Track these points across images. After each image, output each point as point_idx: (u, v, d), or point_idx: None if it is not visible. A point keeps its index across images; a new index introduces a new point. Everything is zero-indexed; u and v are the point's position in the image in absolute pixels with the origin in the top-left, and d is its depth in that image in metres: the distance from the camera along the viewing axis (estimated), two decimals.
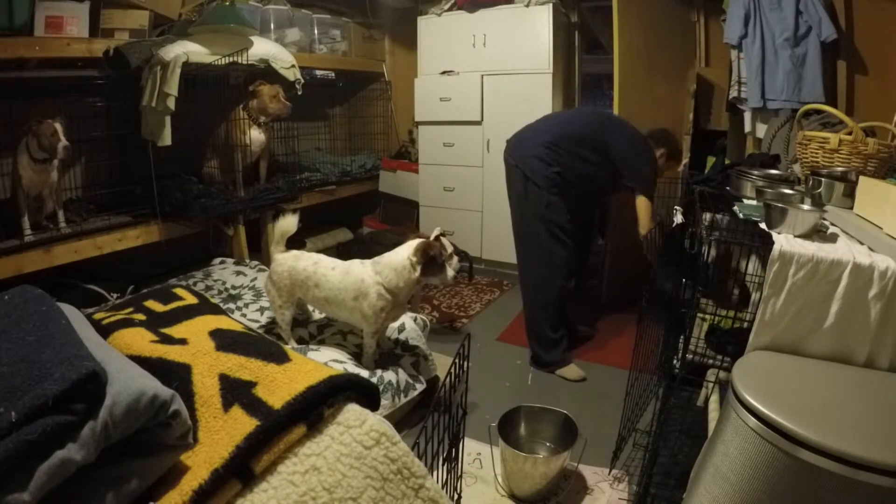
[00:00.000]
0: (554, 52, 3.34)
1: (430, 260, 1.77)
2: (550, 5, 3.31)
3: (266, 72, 2.82)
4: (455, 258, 1.92)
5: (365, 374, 1.83)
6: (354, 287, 1.81)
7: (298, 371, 1.11)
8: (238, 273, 2.63)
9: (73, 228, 2.35)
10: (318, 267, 1.88)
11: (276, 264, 1.96)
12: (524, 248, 2.52)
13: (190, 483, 0.89)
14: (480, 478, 1.80)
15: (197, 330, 1.29)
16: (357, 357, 1.94)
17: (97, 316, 1.39)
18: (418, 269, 1.76)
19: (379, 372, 1.89)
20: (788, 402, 1.03)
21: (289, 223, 1.96)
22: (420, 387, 2.00)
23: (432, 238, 1.85)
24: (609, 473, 1.81)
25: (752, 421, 1.02)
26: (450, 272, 1.83)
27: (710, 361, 1.48)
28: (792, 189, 1.59)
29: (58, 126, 2.10)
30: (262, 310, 2.24)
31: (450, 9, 3.68)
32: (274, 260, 1.98)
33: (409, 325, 2.15)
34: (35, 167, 2.16)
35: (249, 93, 2.78)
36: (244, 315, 2.22)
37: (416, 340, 2.13)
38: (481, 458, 1.87)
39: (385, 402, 1.81)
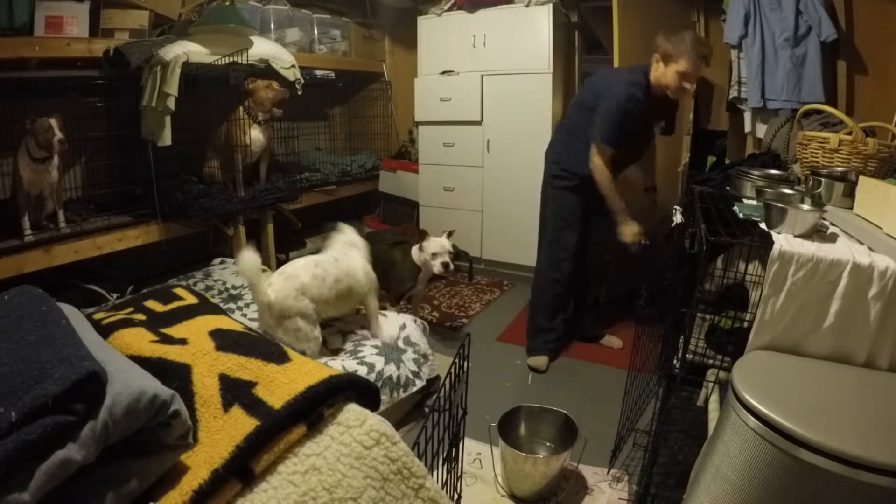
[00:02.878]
0: (554, 52, 3.34)
1: None
2: (550, 5, 3.31)
3: (266, 72, 2.82)
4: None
5: (364, 373, 1.83)
6: (356, 267, 1.95)
7: (298, 371, 1.11)
8: (238, 273, 2.63)
9: (73, 228, 2.34)
10: (325, 269, 1.87)
11: (281, 296, 1.73)
12: (539, 235, 2.59)
13: (190, 483, 0.89)
14: (480, 478, 1.80)
15: (197, 330, 1.29)
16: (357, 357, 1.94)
17: (97, 316, 1.39)
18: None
19: (379, 366, 1.90)
20: (788, 402, 1.03)
21: (252, 261, 1.67)
22: (420, 383, 2.01)
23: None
24: (609, 473, 1.81)
25: (752, 421, 1.02)
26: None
27: (710, 361, 1.48)
28: (792, 189, 1.59)
29: (52, 122, 2.10)
30: None
31: (450, 9, 3.68)
32: (273, 292, 1.74)
33: (409, 325, 2.16)
34: (35, 167, 2.15)
35: (244, 92, 2.78)
36: (244, 315, 2.22)
37: (417, 339, 2.13)
38: (481, 458, 1.87)
39: (383, 396, 1.81)
